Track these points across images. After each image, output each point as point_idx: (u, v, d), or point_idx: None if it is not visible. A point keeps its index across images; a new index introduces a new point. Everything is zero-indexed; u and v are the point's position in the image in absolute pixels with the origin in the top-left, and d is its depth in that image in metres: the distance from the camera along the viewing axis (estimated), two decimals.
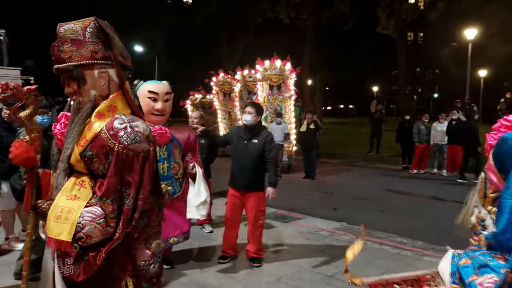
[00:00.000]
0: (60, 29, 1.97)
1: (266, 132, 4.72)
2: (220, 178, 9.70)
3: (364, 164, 14.06)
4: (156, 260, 2.04)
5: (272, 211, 6.98)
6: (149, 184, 1.93)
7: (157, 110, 3.97)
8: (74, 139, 1.94)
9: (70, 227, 1.82)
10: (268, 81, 11.67)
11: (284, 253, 5.06)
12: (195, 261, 4.72)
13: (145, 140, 1.91)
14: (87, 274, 1.88)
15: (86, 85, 1.98)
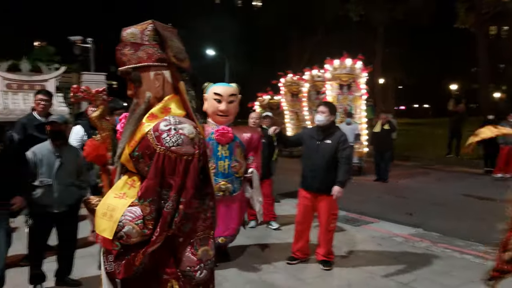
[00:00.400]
0: (123, 33, 2.02)
1: (340, 132, 4.49)
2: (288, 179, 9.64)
3: (440, 167, 13.22)
4: (203, 267, 1.98)
5: (342, 214, 6.76)
6: (192, 188, 1.88)
7: (221, 111, 4.24)
8: (126, 139, 1.97)
9: (112, 225, 1.84)
10: (338, 80, 11.40)
11: (355, 257, 4.86)
12: (264, 259, 4.69)
13: (189, 143, 1.86)
14: (127, 273, 1.88)
15: (142, 87, 2.01)
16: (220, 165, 4.26)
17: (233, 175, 4.29)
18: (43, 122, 4.22)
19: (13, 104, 8.13)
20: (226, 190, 4.26)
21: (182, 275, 1.94)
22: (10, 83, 8.43)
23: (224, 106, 4.23)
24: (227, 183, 4.26)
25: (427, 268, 4.53)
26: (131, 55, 1.98)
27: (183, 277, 1.95)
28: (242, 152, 4.36)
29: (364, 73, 11.21)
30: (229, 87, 4.36)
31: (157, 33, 1.98)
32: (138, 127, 1.97)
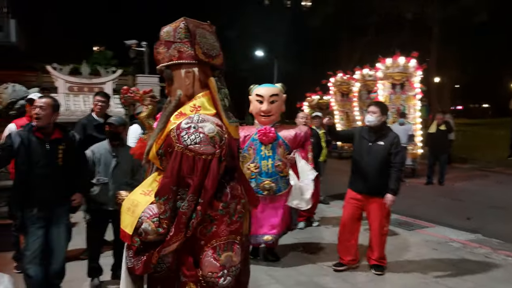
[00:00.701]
0: (161, 32, 2.03)
1: (393, 134, 4.28)
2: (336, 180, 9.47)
3: (501, 170, 12.46)
4: (227, 274, 1.89)
5: (394, 217, 6.55)
6: (212, 189, 1.81)
7: (263, 111, 4.33)
8: (154, 137, 1.96)
9: (133, 221, 1.84)
10: (390, 79, 11.08)
11: (408, 262, 4.69)
12: (313, 261, 4.62)
13: (208, 142, 1.81)
14: (146, 270, 1.86)
15: (173, 84, 2.01)
16: (264, 164, 4.31)
17: (277, 175, 4.32)
18: (101, 123, 4.43)
19: (74, 106, 8.59)
20: (270, 189, 4.30)
21: (204, 281, 1.87)
22: (72, 86, 8.93)
23: (266, 107, 4.31)
24: (271, 182, 4.30)
25: (487, 276, 4.28)
26: (164, 53, 1.99)
27: (205, 282, 1.88)
28: (286, 151, 4.36)
29: (418, 72, 10.81)
30: (271, 88, 4.42)
31: (188, 30, 1.95)
32: (166, 125, 1.95)
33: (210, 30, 2.05)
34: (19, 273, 3.92)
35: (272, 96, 4.33)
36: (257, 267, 4.39)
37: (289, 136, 4.39)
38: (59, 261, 3.42)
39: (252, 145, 4.37)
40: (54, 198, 3.26)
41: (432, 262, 4.70)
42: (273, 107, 4.34)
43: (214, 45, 2.03)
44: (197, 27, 1.98)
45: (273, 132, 4.32)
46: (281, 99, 4.41)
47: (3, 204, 4.71)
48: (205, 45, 1.98)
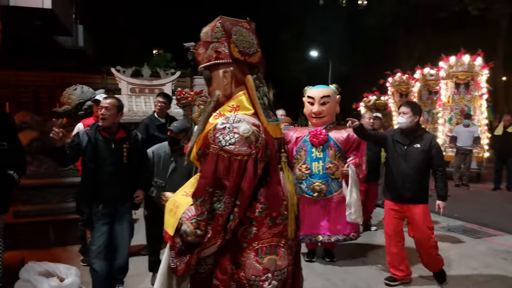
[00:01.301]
0: (201, 33, 2.01)
1: (430, 136, 3.91)
2: None
3: None
4: (272, 278, 1.85)
5: (459, 224, 6.24)
6: (249, 190, 1.77)
7: (314, 113, 4.34)
8: (195, 138, 1.95)
9: (174, 222, 1.83)
10: (454, 78, 10.55)
11: (474, 272, 4.41)
12: (372, 267, 4.48)
13: (243, 142, 1.77)
14: (186, 271, 1.85)
15: (212, 85, 1.99)
16: (315, 166, 4.28)
17: (328, 177, 4.28)
18: (163, 123, 4.56)
19: (136, 106, 8.94)
20: (320, 191, 4.26)
21: (248, 284, 1.84)
22: (134, 87, 9.31)
23: (316, 108, 4.31)
24: (321, 184, 4.27)
25: None
26: (203, 54, 1.97)
27: (248, 285, 1.84)
28: (338, 153, 4.31)
29: (484, 70, 10.19)
30: (322, 89, 4.41)
31: (224, 29, 1.92)
32: (205, 126, 1.93)
33: (248, 27, 2.00)
34: (85, 266, 4.14)
35: (323, 97, 4.32)
36: (314, 270, 4.33)
37: (341, 138, 4.33)
38: (122, 256, 3.55)
39: (303, 147, 4.38)
40: (118, 196, 3.39)
41: (502, 272, 4.39)
42: (325, 108, 4.32)
43: (252, 42, 1.99)
44: (233, 25, 1.94)
45: (323, 134, 4.29)
46: (333, 101, 4.37)
47: (71, 199, 4.98)
48: (241, 43, 1.94)
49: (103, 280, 3.40)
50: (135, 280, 3.86)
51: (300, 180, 4.32)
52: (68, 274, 3.41)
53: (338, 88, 4.47)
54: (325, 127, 4.37)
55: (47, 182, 5.00)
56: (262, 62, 2.05)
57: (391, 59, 26.22)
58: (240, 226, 1.82)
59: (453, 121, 10.63)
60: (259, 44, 2.03)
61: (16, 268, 3.51)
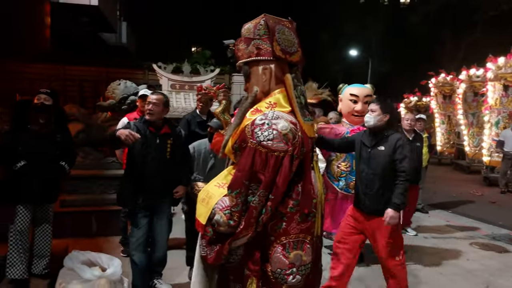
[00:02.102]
0: (242, 29, 2.06)
1: (397, 136, 3.27)
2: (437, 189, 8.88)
3: None
4: (296, 272, 1.90)
5: (504, 233, 5.97)
6: (283, 186, 1.83)
7: (357, 112, 4.32)
8: (230, 132, 2.00)
9: (207, 211, 1.89)
10: (502, 80, 10.08)
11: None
12: None
13: (281, 139, 1.82)
14: (217, 260, 1.90)
15: (250, 81, 2.03)
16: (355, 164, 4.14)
17: None
18: (204, 120, 4.60)
19: (176, 103, 9.11)
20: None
21: (273, 277, 1.91)
22: (174, 83, 9.48)
23: (360, 107, 4.32)
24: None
25: None
26: (243, 50, 2.01)
27: (273, 278, 1.91)
28: None
29: None
30: (365, 88, 4.43)
31: (267, 27, 1.96)
32: (242, 120, 1.98)
33: (290, 27, 2.04)
34: (125, 257, 4.24)
35: (366, 96, 4.34)
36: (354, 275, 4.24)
37: None
38: (161, 249, 3.61)
39: None
40: (160, 190, 3.44)
41: None
42: (367, 107, 4.13)
43: (293, 41, 2.03)
44: (276, 23, 1.98)
45: None
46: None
47: (113, 191, 5.12)
48: (283, 41, 1.97)
49: (142, 272, 3.47)
50: (173, 273, 3.92)
51: (338, 178, 4.29)
52: (110, 264, 3.50)
53: (373, 88, 4.52)
54: (362, 125, 4.29)
55: (91, 173, 5.17)
56: (301, 61, 2.09)
57: (434, 59, 25.43)
58: (270, 220, 1.88)
59: (500, 125, 10.17)
60: (299, 43, 2.07)
61: (61, 256, 3.63)
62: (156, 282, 3.68)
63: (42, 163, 3.40)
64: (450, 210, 7.47)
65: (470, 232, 5.99)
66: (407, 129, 5.68)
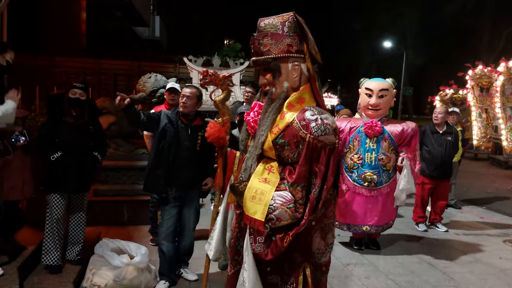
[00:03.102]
0: (261, 23, 2.08)
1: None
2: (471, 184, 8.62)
3: None
4: (328, 250, 2.10)
5: None
6: (333, 176, 1.96)
7: (371, 105, 4.44)
8: (268, 127, 2.04)
9: (263, 208, 1.93)
10: None
11: None
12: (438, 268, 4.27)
13: (332, 132, 1.95)
14: (274, 254, 1.96)
15: (280, 77, 2.06)
16: (367, 156, 4.40)
17: (380, 168, 4.38)
18: None
19: (206, 96, 9.18)
20: (371, 181, 4.37)
21: (312, 257, 2.05)
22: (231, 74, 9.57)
23: (374, 100, 4.42)
24: (372, 174, 4.37)
25: None
26: (271, 45, 2.03)
27: (312, 258, 2.05)
28: (391, 146, 4.41)
29: None
30: (381, 82, 4.51)
31: (298, 25, 2.03)
32: (278, 115, 2.05)
33: (307, 26, 2.11)
34: (153, 246, 4.37)
35: (381, 90, 4.42)
36: (380, 270, 4.23)
37: (395, 131, 4.42)
38: (188, 239, 3.70)
39: (357, 137, 4.48)
40: (190, 181, 3.52)
41: None
42: (382, 101, 4.44)
43: (314, 41, 2.10)
44: (304, 22, 2.05)
45: (379, 126, 4.40)
46: (390, 94, 4.49)
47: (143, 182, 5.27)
48: (312, 40, 2.06)
49: (169, 261, 3.56)
50: (198, 263, 3.99)
51: (351, 169, 4.46)
52: (138, 253, 3.61)
53: (394, 83, 4.57)
54: (380, 119, 4.46)
55: (122, 164, 5.33)
56: (321, 59, 2.18)
57: (472, 51, 24.55)
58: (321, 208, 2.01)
59: None
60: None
61: (93, 243, 3.79)
62: (183, 271, 3.78)
63: (77, 153, 3.54)
64: (484, 206, 7.25)
65: (504, 230, 5.80)
66: (436, 123, 5.56)
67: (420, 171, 5.63)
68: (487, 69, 12.77)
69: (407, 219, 5.93)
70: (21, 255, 3.51)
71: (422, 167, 5.61)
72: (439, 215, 5.72)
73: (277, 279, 2.07)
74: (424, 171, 5.58)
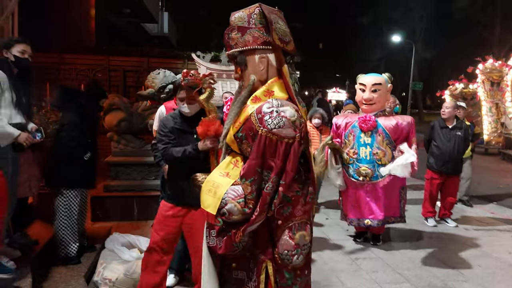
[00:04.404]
0: (232, 17, 2.06)
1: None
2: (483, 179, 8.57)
3: None
4: (300, 252, 1.97)
5: None
6: (292, 171, 1.88)
7: (364, 100, 4.48)
8: (230, 120, 2.03)
9: (216, 202, 1.90)
10: None
11: None
12: (449, 264, 4.26)
13: (290, 125, 1.87)
14: (228, 249, 1.94)
15: (247, 70, 2.03)
16: (362, 151, 4.44)
17: (375, 162, 4.39)
18: None
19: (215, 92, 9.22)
20: (366, 175, 4.38)
21: (279, 258, 1.96)
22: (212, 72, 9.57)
23: (367, 95, 4.44)
24: (367, 168, 4.38)
25: None
26: (237, 38, 2.01)
27: (280, 260, 1.96)
28: (386, 140, 4.41)
29: None
30: (374, 77, 4.54)
31: (263, 16, 1.97)
32: (242, 109, 2.02)
33: (280, 16, 2.06)
34: None
35: (374, 85, 4.44)
36: (388, 264, 4.24)
37: (389, 126, 4.42)
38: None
39: (352, 132, 4.54)
40: None
41: None
42: (375, 96, 4.45)
43: (286, 31, 2.04)
44: (271, 13, 1.99)
45: (373, 120, 4.42)
46: (384, 89, 4.49)
47: (153, 177, 5.32)
48: (279, 31, 1.99)
49: (178, 255, 3.60)
50: None
51: (347, 164, 4.50)
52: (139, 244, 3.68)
53: (390, 78, 4.57)
54: (375, 114, 4.48)
55: (132, 160, 5.39)
56: (294, 50, 2.12)
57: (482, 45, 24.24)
58: (277, 205, 1.92)
59: None
60: (291, 33, 2.09)
61: (104, 237, 3.84)
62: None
63: (95, 150, 3.81)
64: (495, 201, 7.21)
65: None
66: (444, 117, 5.54)
67: (429, 166, 5.66)
68: (497, 63, 12.62)
69: (417, 214, 5.91)
70: (33, 249, 3.58)
71: (431, 162, 5.61)
72: (449, 210, 5.71)
73: (243, 275, 2.04)
74: (433, 166, 5.56)
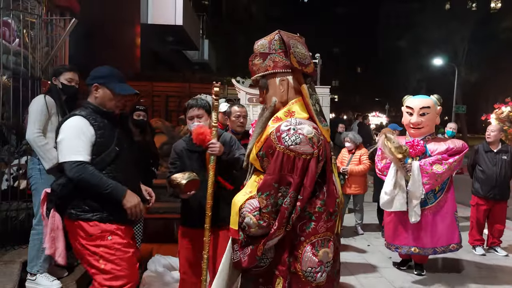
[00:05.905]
0: (255, 45, 2.19)
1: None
2: None
3: None
4: (323, 269, 1.99)
5: None
6: (310, 187, 1.93)
7: (412, 124, 4.28)
8: (254, 140, 2.13)
9: (236, 217, 2.00)
10: None
11: None
12: None
13: (307, 142, 1.94)
14: (251, 263, 1.98)
15: (268, 92, 2.15)
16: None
17: None
18: None
19: (253, 115, 9.32)
20: None
21: (303, 276, 1.97)
22: (251, 97, 9.69)
23: (415, 119, 4.24)
24: None
25: None
26: (260, 64, 2.14)
27: (303, 277, 1.97)
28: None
29: None
30: (422, 99, 4.34)
31: (282, 42, 2.09)
32: (264, 129, 2.11)
33: (300, 41, 2.18)
34: None
35: (422, 108, 4.23)
36: None
37: (439, 150, 4.20)
38: None
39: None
40: None
41: None
42: (424, 119, 4.24)
43: (305, 54, 2.16)
44: (290, 38, 2.12)
45: (421, 145, 4.23)
46: (433, 112, 4.28)
47: None
48: (298, 54, 2.11)
49: None
50: None
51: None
52: None
53: (440, 100, 4.36)
54: (423, 138, 4.29)
55: None
56: (314, 73, 2.26)
57: None
58: (299, 221, 1.98)
59: None
60: (310, 56, 2.23)
61: (146, 259, 3.93)
62: None
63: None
64: None
65: None
66: (489, 141, 5.33)
67: (474, 191, 5.43)
68: None
69: (464, 243, 5.66)
70: (78, 268, 3.70)
71: (476, 188, 5.39)
72: (497, 238, 5.44)
73: None
74: (479, 192, 5.35)
